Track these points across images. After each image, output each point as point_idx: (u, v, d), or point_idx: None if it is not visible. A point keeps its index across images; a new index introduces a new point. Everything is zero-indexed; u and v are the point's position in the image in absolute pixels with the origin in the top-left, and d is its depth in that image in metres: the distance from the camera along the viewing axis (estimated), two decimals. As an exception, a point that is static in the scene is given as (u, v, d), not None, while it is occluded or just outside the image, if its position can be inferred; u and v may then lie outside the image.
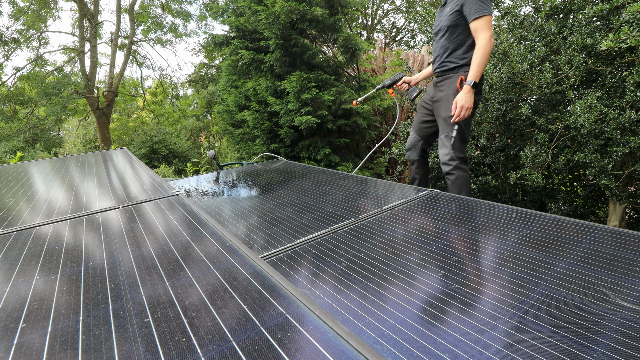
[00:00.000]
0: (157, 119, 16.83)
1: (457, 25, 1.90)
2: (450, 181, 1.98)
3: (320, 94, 3.87)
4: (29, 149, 13.38)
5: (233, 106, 4.75)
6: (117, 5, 12.73)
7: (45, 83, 10.73)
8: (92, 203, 1.22)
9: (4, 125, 12.95)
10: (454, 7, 1.88)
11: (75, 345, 0.51)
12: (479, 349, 0.60)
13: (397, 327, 0.67)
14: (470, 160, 3.25)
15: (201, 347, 0.49)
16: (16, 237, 0.95)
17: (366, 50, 4.82)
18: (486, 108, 2.96)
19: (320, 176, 2.02)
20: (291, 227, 1.25)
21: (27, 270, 0.75)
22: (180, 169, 10.38)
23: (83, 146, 13.72)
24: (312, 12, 3.77)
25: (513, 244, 0.98)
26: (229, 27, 4.64)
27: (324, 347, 0.48)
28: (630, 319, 0.65)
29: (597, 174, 2.32)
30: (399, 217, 1.27)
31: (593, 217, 3.16)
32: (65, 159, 2.31)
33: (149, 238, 0.89)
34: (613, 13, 2.18)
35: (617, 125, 2.14)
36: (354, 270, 0.90)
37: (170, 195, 1.27)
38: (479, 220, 1.17)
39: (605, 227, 1.05)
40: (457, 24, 1.90)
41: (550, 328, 0.64)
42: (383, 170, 4.59)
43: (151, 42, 15.38)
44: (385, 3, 16.55)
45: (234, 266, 0.72)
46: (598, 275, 0.80)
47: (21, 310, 0.60)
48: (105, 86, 13.11)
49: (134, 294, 0.64)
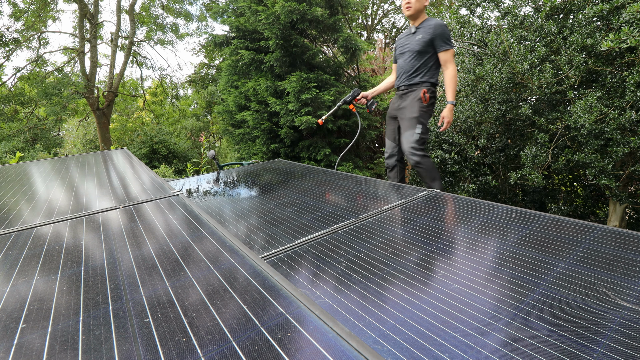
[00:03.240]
0: (157, 119, 16.83)
1: (425, 51, 2.34)
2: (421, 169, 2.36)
3: (321, 94, 3.87)
4: (29, 149, 13.38)
5: (233, 106, 4.75)
6: (118, 5, 12.74)
7: (45, 83, 10.73)
8: (92, 203, 1.22)
9: (4, 125, 12.95)
10: (425, 36, 2.31)
11: (75, 346, 0.51)
12: (479, 349, 0.60)
13: (397, 327, 0.67)
14: (470, 160, 3.25)
15: (201, 347, 0.49)
16: (16, 238, 0.95)
17: (366, 50, 4.82)
18: (486, 108, 2.96)
19: (320, 176, 2.02)
20: (291, 227, 1.25)
21: (27, 271, 0.75)
22: (180, 169, 10.38)
23: (83, 146, 13.72)
24: (312, 12, 3.77)
25: (513, 244, 0.98)
26: (229, 27, 4.64)
27: (324, 347, 0.48)
28: (630, 319, 0.65)
29: (597, 174, 2.32)
30: (399, 217, 1.27)
31: (593, 217, 3.16)
32: (65, 159, 2.31)
33: (149, 238, 0.89)
34: (613, 13, 2.17)
35: (617, 125, 2.14)
36: (354, 270, 0.90)
37: (171, 196, 1.27)
38: (479, 220, 1.17)
39: (605, 227, 1.05)
40: (426, 51, 2.34)
41: (550, 328, 0.64)
42: (383, 170, 4.59)
43: (151, 43, 15.38)
44: (385, 3, 16.55)
45: (234, 266, 0.72)
46: (598, 276, 0.80)
47: (21, 311, 0.60)
48: (105, 86, 13.11)
49: (134, 294, 0.64)
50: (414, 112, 2.35)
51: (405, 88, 2.44)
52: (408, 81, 2.42)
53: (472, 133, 3.21)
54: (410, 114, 2.36)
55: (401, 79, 2.47)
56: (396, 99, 2.54)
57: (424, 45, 2.31)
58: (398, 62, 2.51)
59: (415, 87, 2.40)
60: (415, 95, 2.37)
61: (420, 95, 2.34)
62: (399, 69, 2.50)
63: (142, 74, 25.13)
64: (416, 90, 2.39)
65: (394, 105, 2.54)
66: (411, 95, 2.40)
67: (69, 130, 18.61)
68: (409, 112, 2.38)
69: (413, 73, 2.40)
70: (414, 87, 2.41)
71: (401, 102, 2.46)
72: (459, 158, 3.16)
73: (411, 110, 2.37)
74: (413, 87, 2.41)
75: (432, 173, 2.37)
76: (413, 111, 2.35)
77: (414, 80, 2.40)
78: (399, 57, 2.49)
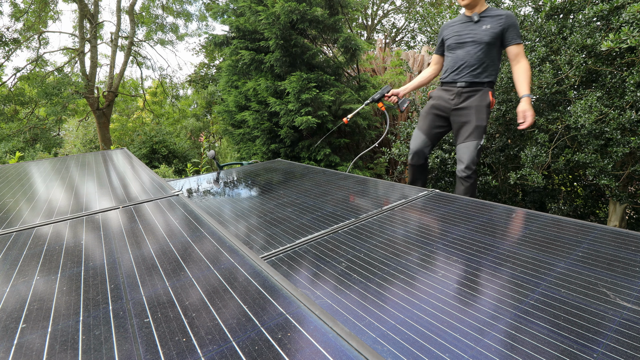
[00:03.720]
0: (157, 119, 16.83)
1: (494, 44, 2.06)
2: (468, 184, 2.13)
3: (321, 94, 3.87)
4: (29, 149, 13.38)
5: (233, 106, 4.75)
6: (118, 5, 12.74)
7: (45, 83, 10.73)
8: (92, 203, 1.22)
9: (4, 125, 12.95)
10: (495, 27, 2.04)
11: (75, 346, 0.51)
12: (479, 349, 0.60)
13: (397, 327, 0.67)
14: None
15: (201, 347, 0.49)
16: (16, 238, 0.95)
17: (366, 50, 4.82)
18: (486, 108, 2.95)
19: (320, 176, 2.02)
20: (291, 227, 1.25)
21: (27, 271, 0.75)
22: (180, 169, 10.38)
23: (83, 146, 13.72)
24: (312, 12, 3.77)
25: (513, 244, 0.98)
26: (229, 27, 4.64)
27: (324, 347, 0.48)
28: (630, 319, 0.65)
29: (597, 174, 2.32)
30: (399, 217, 1.27)
31: (593, 217, 3.16)
32: (65, 159, 2.31)
33: (149, 238, 0.89)
34: (613, 13, 2.17)
35: (617, 125, 2.14)
36: (354, 270, 0.90)
37: (171, 196, 1.27)
38: (479, 220, 1.17)
39: (605, 227, 1.05)
40: (494, 43, 2.06)
41: (550, 328, 0.64)
42: (383, 171, 4.59)
43: (152, 43, 15.38)
44: (385, 3, 16.55)
45: (234, 266, 0.72)
46: (598, 276, 0.80)
47: (21, 311, 0.60)
48: (105, 86, 13.11)
49: (134, 294, 0.64)
50: (481, 120, 2.09)
51: (468, 86, 2.14)
52: (473, 78, 2.12)
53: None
54: (478, 121, 2.09)
55: (461, 73, 2.15)
56: (447, 93, 2.23)
57: (493, 37, 2.03)
58: (455, 54, 2.18)
59: (481, 88, 2.12)
60: (483, 99, 2.10)
61: (489, 99, 2.09)
62: (454, 61, 2.18)
63: (142, 74, 25.13)
64: (482, 91, 2.11)
65: (445, 98, 2.23)
66: (477, 97, 2.12)
67: (69, 130, 18.61)
68: (476, 118, 2.10)
69: (479, 68, 2.09)
70: (479, 86, 2.12)
71: (460, 101, 2.16)
72: (459, 158, 3.16)
73: (478, 116, 2.10)
74: (479, 87, 2.12)
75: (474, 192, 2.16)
76: (481, 118, 2.09)
77: (480, 78, 2.11)
78: (457, 47, 2.17)
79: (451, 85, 2.20)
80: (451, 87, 2.20)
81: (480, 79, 2.11)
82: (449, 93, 2.22)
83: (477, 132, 2.10)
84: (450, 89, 2.21)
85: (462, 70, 2.15)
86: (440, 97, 2.27)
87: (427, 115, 2.34)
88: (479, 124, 2.09)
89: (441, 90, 2.28)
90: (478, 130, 2.09)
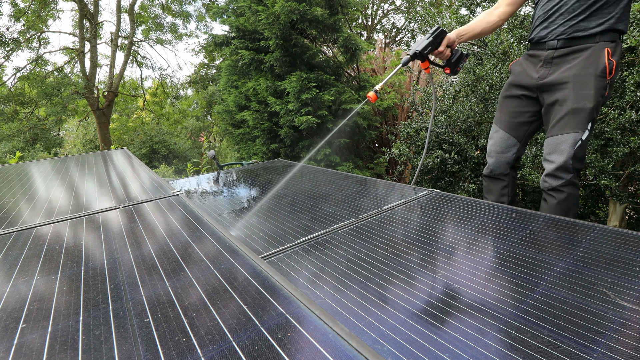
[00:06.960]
0: (157, 119, 16.84)
1: None
2: (555, 200, 1.41)
3: (320, 94, 3.87)
4: (29, 149, 13.38)
5: (233, 106, 4.76)
6: (117, 5, 12.74)
7: (45, 83, 10.73)
8: (92, 203, 1.22)
9: (4, 125, 12.95)
10: None
11: (75, 346, 0.51)
12: (479, 349, 0.60)
13: (397, 327, 0.67)
14: (470, 160, 3.24)
15: (201, 347, 0.49)
16: (16, 237, 0.95)
17: (366, 50, 4.82)
18: (486, 108, 2.95)
19: (320, 176, 2.02)
20: (291, 227, 1.25)
21: (27, 271, 0.75)
22: (180, 169, 10.39)
23: (83, 146, 13.72)
24: (312, 12, 3.77)
25: (513, 244, 0.98)
26: (229, 27, 4.64)
27: (324, 347, 0.48)
28: (630, 319, 0.65)
29: (597, 174, 2.32)
30: (399, 217, 1.27)
31: (593, 217, 3.16)
32: (65, 159, 2.31)
33: (149, 238, 0.89)
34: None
35: (617, 125, 2.14)
36: (354, 270, 0.90)
37: (171, 196, 1.27)
38: (479, 220, 1.17)
39: (605, 227, 1.05)
40: None
41: (550, 328, 0.64)
42: (383, 171, 4.59)
43: (151, 42, 15.38)
44: (385, 3, 16.55)
45: (233, 266, 0.72)
46: (598, 275, 0.80)
47: (21, 311, 0.60)
48: (105, 86, 13.11)
49: (134, 294, 0.64)
50: (587, 99, 1.30)
51: (566, 44, 1.36)
52: (573, 30, 1.33)
53: (472, 133, 3.21)
54: (577, 101, 1.31)
55: (554, 24, 1.37)
56: (532, 61, 1.49)
57: None
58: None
59: (588, 44, 1.31)
60: (590, 63, 1.29)
61: (603, 61, 1.27)
62: (545, 6, 1.41)
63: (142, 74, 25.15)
64: (590, 49, 1.30)
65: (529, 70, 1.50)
66: (579, 61, 1.32)
67: (69, 130, 18.61)
68: (575, 96, 1.32)
69: (586, 11, 1.29)
70: (585, 42, 1.32)
71: (550, 71, 1.41)
72: (459, 158, 3.16)
73: (579, 92, 1.31)
74: (583, 43, 1.32)
75: (569, 212, 1.42)
76: (583, 96, 1.30)
77: (587, 27, 1.30)
78: None
79: (539, 48, 1.46)
80: (539, 50, 1.46)
81: (587, 29, 1.30)
82: (535, 60, 1.48)
83: (576, 119, 1.33)
84: (536, 53, 1.47)
85: (555, 20, 1.37)
86: (522, 69, 1.53)
87: (504, 100, 1.60)
88: (578, 106, 1.32)
89: (526, 57, 1.54)
90: (578, 115, 1.32)
